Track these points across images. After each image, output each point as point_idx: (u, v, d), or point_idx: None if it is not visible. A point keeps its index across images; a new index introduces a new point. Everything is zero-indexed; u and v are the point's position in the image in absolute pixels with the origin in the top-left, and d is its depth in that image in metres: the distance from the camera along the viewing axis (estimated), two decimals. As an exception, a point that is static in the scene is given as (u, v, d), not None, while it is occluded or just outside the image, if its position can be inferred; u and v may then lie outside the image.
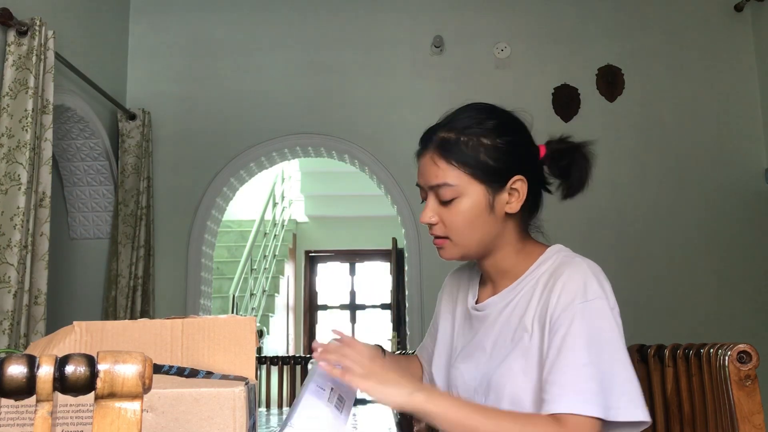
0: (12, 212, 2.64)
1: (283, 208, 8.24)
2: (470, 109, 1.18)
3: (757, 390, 1.07)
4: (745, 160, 4.00)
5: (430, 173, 1.13)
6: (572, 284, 1.06)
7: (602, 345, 1.01)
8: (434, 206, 1.15)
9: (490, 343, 1.15)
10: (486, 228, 1.13)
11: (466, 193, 1.11)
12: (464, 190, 1.11)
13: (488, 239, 1.15)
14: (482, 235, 1.14)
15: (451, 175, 1.11)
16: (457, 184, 1.11)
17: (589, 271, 1.07)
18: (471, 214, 1.12)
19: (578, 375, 0.99)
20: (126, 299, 3.65)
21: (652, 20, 4.16)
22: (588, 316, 1.02)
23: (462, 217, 1.12)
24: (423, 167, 1.16)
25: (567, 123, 4.02)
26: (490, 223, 1.13)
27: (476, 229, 1.13)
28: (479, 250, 1.16)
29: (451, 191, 1.11)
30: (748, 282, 3.87)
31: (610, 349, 1.01)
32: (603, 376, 0.99)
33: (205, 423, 0.62)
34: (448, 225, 1.13)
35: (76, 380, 0.42)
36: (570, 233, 3.41)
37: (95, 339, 0.71)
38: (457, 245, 1.14)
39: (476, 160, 1.11)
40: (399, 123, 4.07)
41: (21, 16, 2.83)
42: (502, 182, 1.13)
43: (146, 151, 3.91)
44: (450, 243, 1.15)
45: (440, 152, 1.13)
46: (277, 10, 4.27)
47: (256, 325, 0.74)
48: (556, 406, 0.98)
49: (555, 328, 1.04)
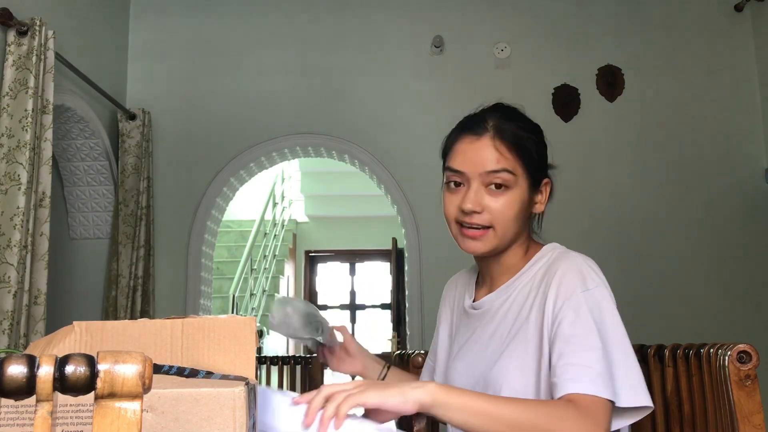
0: (12, 212, 2.64)
1: (283, 208, 8.24)
2: (507, 106, 1.19)
3: (757, 390, 1.07)
4: (745, 160, 4.00)
5: (489, 158, 1.10)
6: (570, 276, 1.06)
7: (608, 331, 1.01)
8: (482, 193, 1.11)
9: (487, 340, 1.16)
10: (522, 224, 1.15)
11: (518, 185, 1.12)
12: (518, 181, 1.11)
13: (519, 235, 1.16)
14: (518, 230, 1.14)
15: (513, 162, 1.11)
16: (516, 173, 1.11)
17: (584, 263, 1.09)
18: (519, 207, 1.12)
19: (590, 357, 0.98)
20: (126, 299, 3.65)
21: (652, 20, 4.16)
22: (591, 304, 1.03)
23: (511, 209, 1.11)
24: (476, 151, 1.11)
25: (567, 123, 4.02)
26: (524, 220, 1.15)
27: (517, 223, 1.13)
28: (509, 244, 1.16)
29: (509, 179, 1.10)
30: (748, 282, 3.87)
31: (615, 335, 1.01)
32: (610, 362, 0.99)
33: (205, 423, 0.62)
34: (495, 215, 1.11)
35: (76, 380, 0.42)
36: (570, 233, 3.40)
37: (95, 339, 0.71)
38: (498, 236, 1.12)
39: (531, 156, 1.13)
40: (399, 123, 4.06)
41: (21, 16, 2.83)
42: (538, 183, 1.16)
43: (146, 151, 3.91)
44: (492, 233, 1.12)
45: (506, 140, 1.11)
46: (277, 10, 4.27)
47: (256, 325, 0.74)
48: (571, 386, 0.96)
49: (559, 319, 1.03)
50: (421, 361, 1.51)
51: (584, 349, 0.99)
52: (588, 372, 0.97)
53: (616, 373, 0.98)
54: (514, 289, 1.15)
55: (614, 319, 1.03)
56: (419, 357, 1.55)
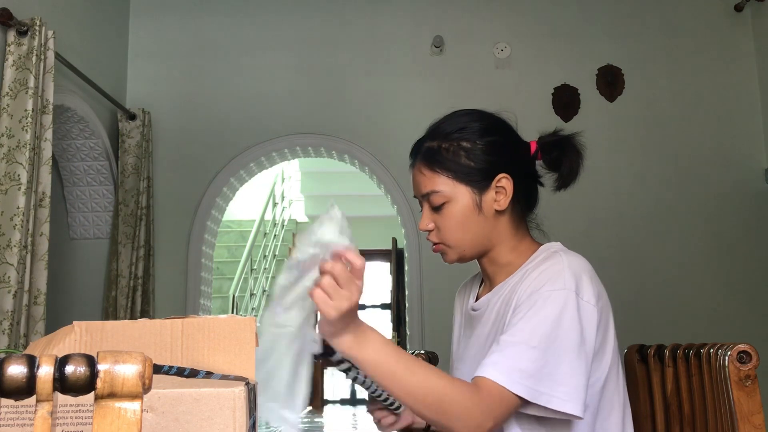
0: (12, 212, 2.64)
1: (283, 208, 8.24)
2: (453, 116, 1.22)
3: (757, 390, 1.07)
4: (745, 160, 4.00)
5: (420, 183, 1.18)
6: (545, 274, 1.08)
7: (557, 335, 1.02)
8: (429, 214, 1.18)
9: (484, 340, 1.18)
10: (477, 228, 1.16)
11: (454, 197, 1.15)
12: (451, 194, 1.15)
13: (481, 238, 1.17)
14: (474, 235, 1.17)
15: (437, 181, 1.16)
16: (444, 189, 1.15)
17: (567, 266, 1.08)
18: (461, 216, 1.15)
19: (520, 354, 1.00)
20: (126, 299, 3.65)
21: (652, 20, 4.16)
22: (551, 304, 1.03)
23: (453, 221, 1.16)
24: (414, 179, 1.21)
25: (567, 123, 4.01)
26: (481, 223, 1.16)
27: (468, 230, 1.16)
28: (474, 249, 1.19)
29: (440, 197, 1.15)
30: (748, 282, 3.87)
31: (564, 341, 1.02)
32: (546, 363, 1.00)
33: (205, 423, 0.62)
34: (442, 230, 1.17)
35: (76, 380, 0.42)
36: (570, 233, 3.40)
37: (95, 339, 0.71)
38: (452, 248, 1.18)
39: (457, 164, 1.15)
40: (399, 123, 4.06)
41: (21, 16, 2.83)
42: (486, 182, 1.16)
43: (146, 151, 3.91)
44: (445, 247, 1.18)
45: (425, 162, 1.18)
46: (277, 10, 4.27)
47: (256, 325, 0.74)
48: (483, 370, 1.00)
49: (518, 310, 1.06)
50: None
51: (521, 344, 1.01)
52: (510, 365, 0.99)
53: (551, 376, 1.00)
54: (505, 289, 1.17)
55: (569, 326, 1.02)
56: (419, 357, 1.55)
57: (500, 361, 1.00)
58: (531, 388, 0.98)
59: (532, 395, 0.98)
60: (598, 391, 1.09)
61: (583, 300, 1.05)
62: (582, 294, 1.05)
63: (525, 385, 0.98)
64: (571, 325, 1.02)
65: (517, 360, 1.00)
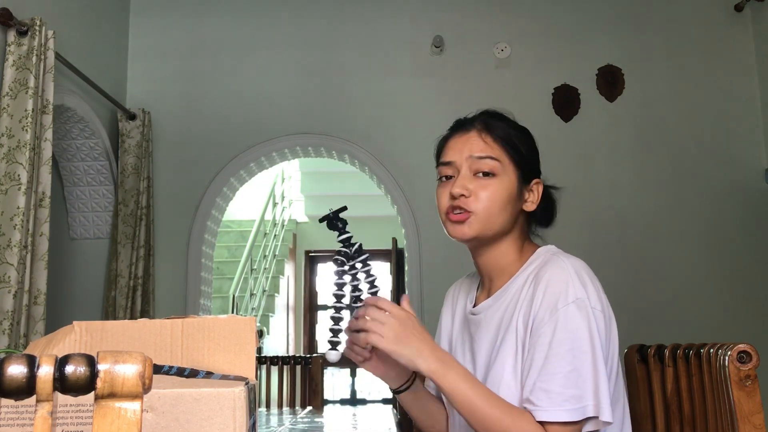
0: (12, 212, 2.64)
1: (283, 208, 8.24)
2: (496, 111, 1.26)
3: (757, 390, 1.07)
4: (745, 160, 4.00)
5: (475, 146, 1.18)
6: (554, 286, 1.08)
7: (583, 350, 1.04)
8: (469, 180, 1.17)
9: (485, 347, 1.19)
10: (508, 214, 1.18)
11: (504, 173, 1.17)
12: (504, 169, 1.17)
13: (506, 226, 1.18)
14: (504, 219, 1.17)
15: (498, 152, 1.17)
16: (501, 160, 1.17)
17: (572, 270, 1.09)
18: (504, 193, 1.16)
19: (565, 383, 1.03)
20: (126, 299, 3.65)
21: (652, 20, 4.16)
22: (570, 321, 1.05)
23: (496, 194, 1.16)
24: (464, 142, 1.19)
25: (567, 123, 4.02)
26: (512, 212, 1.18)
27: (502, 211, 1.17)
28: (495, 233, 1.18)
29: (494, 165, 1.16)
30: (748, 282, 3.87)
31: (589, 354, 1.04)
32: (584, 380, 1.03)
33: (205, 423, 0.62)
34: (479, 199, 1.15)
35: (76, 380, 0.42)
36: (570, 234, 3.41)
37: (95, 339, 0.71)
38: (482, 221, 1.16)
39: (518, 150, 1.19)
40: (399, 123, 4.06)
41: (21, 16, 2.83)
42: (529, 178, 1.20)
43: (146, 151, 3.91)
44: (475, 218, 1.16)
45: (490, 130, 1.19)
46: (277, 10, 4.27)
47: (256, 325, 0.74)
48: (543, 414, 1.03)
49: (539, 332, 1.07)
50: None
51: (560, 374, 1.03)
52: (561, 399, 1.02)
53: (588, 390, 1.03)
54: (507, 295, 1.18)
55: (589, 337, 1.05)
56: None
57: (552, 401, 1.03)
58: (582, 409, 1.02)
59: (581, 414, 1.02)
60: None
61: (592, 303, 1.07)
62: (590, 297, 1.08)
63: (578, 411, 1.02)
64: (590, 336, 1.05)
65: (565, 391, 1.03)
